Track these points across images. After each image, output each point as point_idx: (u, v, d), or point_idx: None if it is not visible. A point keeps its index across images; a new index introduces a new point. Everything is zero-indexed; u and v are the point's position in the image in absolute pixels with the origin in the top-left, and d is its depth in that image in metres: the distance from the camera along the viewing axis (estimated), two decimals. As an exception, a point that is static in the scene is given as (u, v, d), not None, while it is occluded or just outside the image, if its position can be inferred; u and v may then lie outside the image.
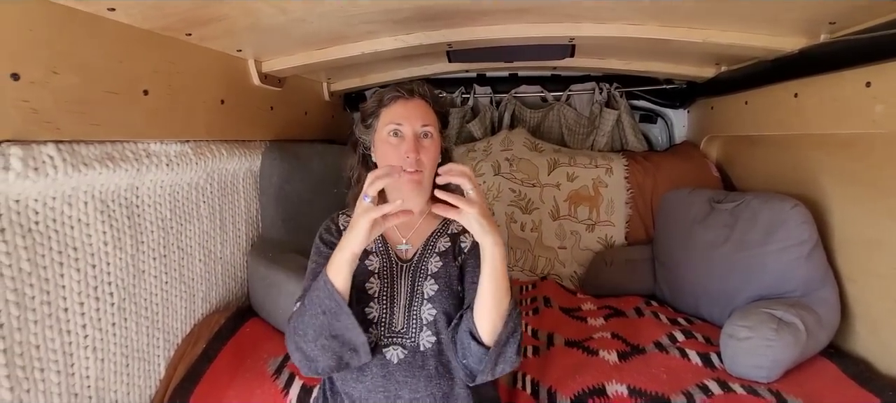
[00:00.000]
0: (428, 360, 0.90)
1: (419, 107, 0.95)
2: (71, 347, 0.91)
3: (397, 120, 0.93)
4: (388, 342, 0.91)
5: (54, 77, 0.83)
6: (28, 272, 0.83)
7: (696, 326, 1.42)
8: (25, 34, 0.78)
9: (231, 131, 1.41)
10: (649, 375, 1.13)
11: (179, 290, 1.22)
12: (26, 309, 0.82)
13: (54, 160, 0.84)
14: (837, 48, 1.12)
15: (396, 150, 0.92)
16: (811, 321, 1.14)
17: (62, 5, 0.83)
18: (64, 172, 0.86)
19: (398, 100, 0.95)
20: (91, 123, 0.92)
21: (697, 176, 1.87)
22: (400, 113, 0.94)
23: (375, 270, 0.96)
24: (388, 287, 0.94)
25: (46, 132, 0.83)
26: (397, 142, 0.93)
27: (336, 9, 1.12)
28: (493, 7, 1.22)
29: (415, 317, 0.92)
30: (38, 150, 0.82)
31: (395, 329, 0.91)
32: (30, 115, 0.79)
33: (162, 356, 1.15)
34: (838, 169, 1.28)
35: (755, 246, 1.34)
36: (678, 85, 2.14)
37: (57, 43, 0.84)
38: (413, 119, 0.93)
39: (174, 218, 1.20)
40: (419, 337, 0.91)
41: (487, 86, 2.33)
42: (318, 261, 0.96)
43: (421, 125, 0.93)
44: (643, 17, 1.26)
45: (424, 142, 0.94)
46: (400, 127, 0.93)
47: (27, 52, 0.78)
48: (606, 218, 1.94)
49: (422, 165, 0.92)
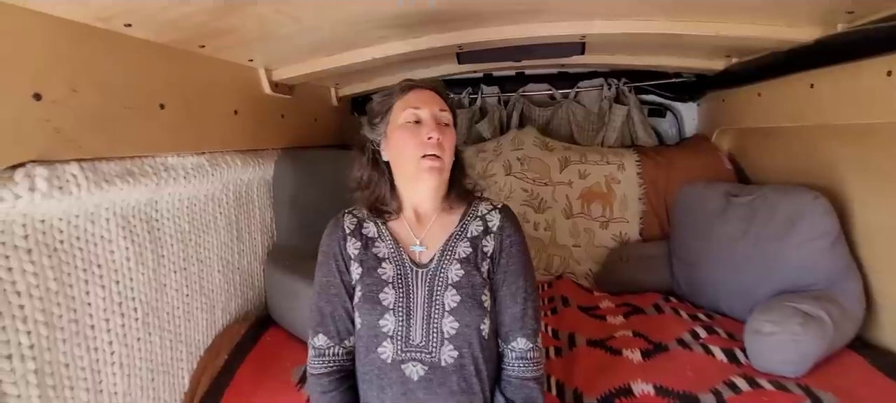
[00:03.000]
0: (449, 376, 0.86)
1: (435, 96, 0.93)
2: (98, 364, 0.91)
3: (415, 104, 0.89)
4: (406, 357, 0.87)
5: (75, 95, 0.83)
6: (55, 291, 0.83)
7: (717, 321, 1.40)
8: (46, 54, 0.78)
9: (245, 141, 1.42)
10: (675, 373, 1.12)
11: (200, 302, 1.22)
12: (55, 328, 0.82)
13: (77, 178, 0.84)
14: (856, 37, 1.11)
15: (415, 136, 0.88)
16: (837, 313, 1.13)
17: (81, 23, 0.84)
18: (87, 190, 0.86)
19: (413, 88, 0.92)
20: (112, 140, 0.92)
21: (711, 169, 1.86)
22: (417, 98, 0.91)
23: (390, 279, 0.90)
24: (404, 297, 0.89)
25: (69, 151, 0.83)
26: (416, 127, 0.88)
27: (348, 16, 1.12)
28: (505, 8, 1.21)
29: (435, 330, 0.87)
30: (62, 169, 0.82)
31: (413, 342, 0.87)
32: (53, 135, 0.79)
33: (185, 368, 1.15)
34: (858, 159, 1.26)
35: (775, 239, 1.33)
36: (687, 78, 2.13)
37: (76, 61, 0.84)
38: (430, 102, 0.90)
39: (193, 231, 1.20)
40: (440, 352, 0.86)
41: (495, 86, 2.33)
42: (328, 276, 0.93)
43: (439, 109, 0.90)
44: (655, 12, 1.25)
45: (444, 128, 0.90)
46: (418, 110, 0.89)
47: (48, 71, 0.79)
48: (620, 215, 1.93)
49: (442, 150, 0.88)
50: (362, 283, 0.91)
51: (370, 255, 0.93)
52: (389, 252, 0.93)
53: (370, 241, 0.95)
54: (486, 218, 0.96)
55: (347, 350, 0.94)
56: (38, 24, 0.77)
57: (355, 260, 0.93)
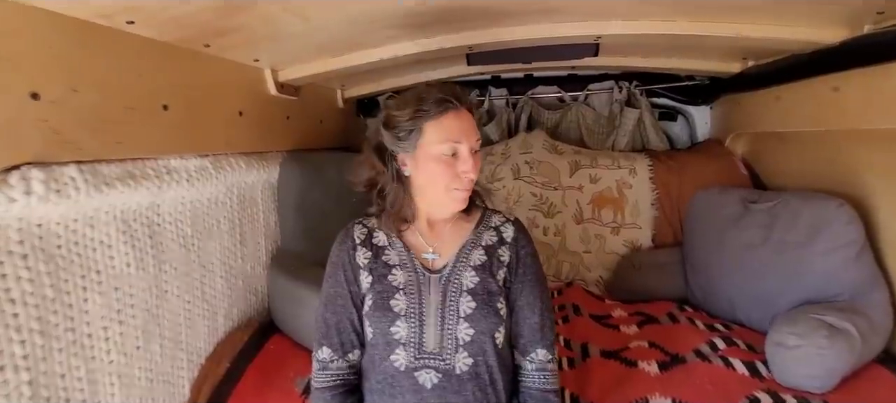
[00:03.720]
0: (465, 384, 0.84)
1: (470, 119, 0.87)
2: (95, 374, 0.88)
3: (455, 137, 0.84)
4: (419, 364, 0.84)
5: (74, 95, 0.80)
6: (51, 298, 0.79)
7: (735, 332, 1.36)
8: (45, 52, 0.75)
9: (250, 143, 1.38)
10: (694, 387, 1.08)
11: (202, 308, 1.19)
12: (51, 337, 0.79)
13: (76, 181, 0.81)
14: (886, 39, 1.06)
15: (450, 169, 0.84)
16: (864, 326, 1.08)
17: (81, 20, 0.80)
18: (86, 193, 0.82)
19: (449, 111, 0.84)
20: (112, 141, 0.89)
21: (725, 174, 1.81)
22: (456, 128, 0.84)
23: (401, 285, 0.88)
24: (417, 303, 0.87)
25: (68, 153, 0.80)
26: (452, 160, 0.85)
27: (359, 14, 1.08)
28: (518, 8, 1.18)
29: (449, 337, 0.85)
30: (60, 172, 0.78)
31: (426, 349, 0.85)
32: (51, 136, 0.76)
33: (186, 377, 1.12)
34: (885, 165, 1.21)
35: (797, 247, 1.28)
36: (700, 81, 2.08)
37: (76, 59, 0.81)
38: (469, 134, 0.85)
39: (195, 235, 1.17)
40: (454, 359, 0.84)
41: (503, 88, 2.29)
42: (335, 287, 0.91)
43: (476, 140, 0.87)
44: (674, 12, 1.21)
45: (476, 157, 0.88)
46: (458, 144, 0.84)
47: (47, 70, 0.76)
48: (632, 221, 1.88)
49: (474, 183, 0.88)
50: (373, 291, 0.89)
51: (380, 263, 0.91)
52: (401, 258, 0.91)
53: (380, 250, 0.93)
54: (500, 229, 0.96)
55: (351, 364, 0.91)
56: (37, 21, 0.74)
57: (365, 269, 0.91)
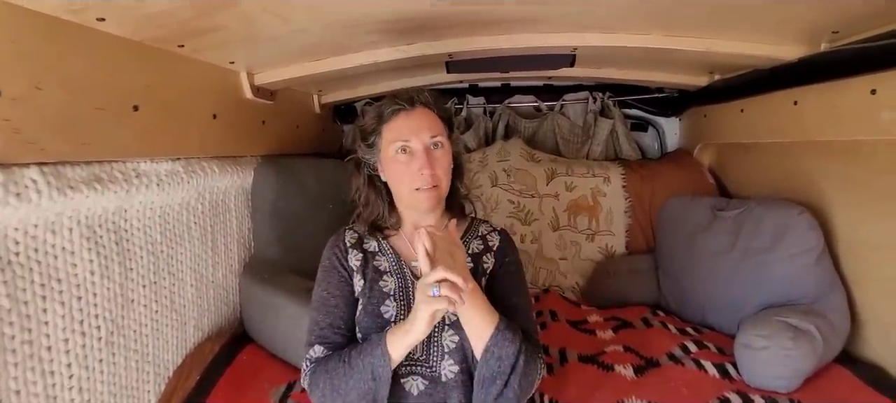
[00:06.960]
0: (450, 392, 0.83)
1: (424, 117, 0.90)
2: (54, 389, 0.83)
3: (404, 136, 0.88)
4: (406, 371, 0.84)
5: (38, 93, 0.75)
6: (7, 309, 0.74)
7: (705, 336, 1.40)
8: (7, 47, 0.71)
9: (224, 147, 1.34)
10: (668, 389, 1.10)
11: (170, 319, 1.13)
12: (6, 351, 0.74)
13: (38, 184, 0.76)
14: (840, 57, 1.14)
15: (407, 168, 0.87)
16: (825, 328, 1.14)
17: (48, 16, 0.76)
18: (48, 197, 0.78)
19: (400, 112, 0.89)
20: (78, 142, 0.84)
21: (694, 183, 1.88)
22: (405, 127, 0.88)
23: (391, 292, 0.90)
24: (405, 310, 0.88)
25: (29, 154, 0.75)
26: (407, 158, 0.87)
27: (340, 19, 1.07)
28: (499, 17, 1.19)
29: (435, 344, 0.86)
30: (20, 174, 0.74)
31: (413, 356, 0.85)
32: (11, 136, 0.72)
33: (152, 391, 1.06)
34: (840, 174, 1.29)
35: (762, 253, 1.34)
36: (670, 93, 2.17)
37: (42, 56, 0.76)
38: (421, 131, 0.88)
39: (165, 242, 1.12)
40: (440, 367, 0.84)
41: (481, 97, 2.31)
42: (328, 290, 0.90)
43: (429, 136, 0.88)
44: (649, 26, 1.26)
45: (436, 152, 0.89)
46: (407, 143, 0.87)
47: (9, 66, 0.71)
48: (606, 228, 1.93)
49: (437, 179, 0.88)
50: (364, 297, 0.89)
51: (372, 268, 0.92)
52: (391, 265, 0.92)
53: (371, 255, 0.94)
54: (487, 238, 0.98)
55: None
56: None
57: (357, 272, 0.91)
